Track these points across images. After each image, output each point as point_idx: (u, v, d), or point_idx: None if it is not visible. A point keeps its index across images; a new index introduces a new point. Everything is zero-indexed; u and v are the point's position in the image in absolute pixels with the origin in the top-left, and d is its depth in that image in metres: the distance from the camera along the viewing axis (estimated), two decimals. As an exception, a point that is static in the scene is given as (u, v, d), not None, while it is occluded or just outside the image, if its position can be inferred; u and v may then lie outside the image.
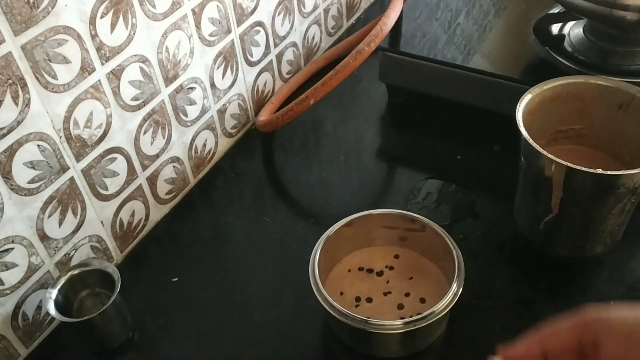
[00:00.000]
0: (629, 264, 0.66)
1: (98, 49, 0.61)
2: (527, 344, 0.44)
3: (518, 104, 0.62)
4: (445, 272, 0.63)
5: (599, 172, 0.55)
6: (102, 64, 0.62)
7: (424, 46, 0.85)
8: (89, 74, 0.61)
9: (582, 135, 0.67)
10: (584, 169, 0.56)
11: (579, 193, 0.58)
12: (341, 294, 0.64)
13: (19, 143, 0.56)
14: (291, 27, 0.91)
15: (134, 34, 0.64)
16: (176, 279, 0.70)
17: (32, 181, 0.59)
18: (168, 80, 0.71)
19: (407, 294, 0.63)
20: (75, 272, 0.63)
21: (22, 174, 0.57)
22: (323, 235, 0.63)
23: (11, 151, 0.56)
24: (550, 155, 0.57)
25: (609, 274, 0.65)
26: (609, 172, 0.55)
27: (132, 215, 0.73)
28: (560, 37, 0.81)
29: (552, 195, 0.59)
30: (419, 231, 0.64)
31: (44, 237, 0.62)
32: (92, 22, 0.59)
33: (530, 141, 0.58)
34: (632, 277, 0.64)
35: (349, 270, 0.66)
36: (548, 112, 0.65)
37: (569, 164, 0.56)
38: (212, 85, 0.79)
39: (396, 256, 0.66)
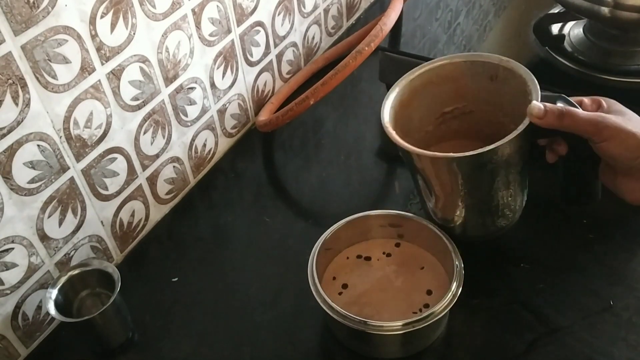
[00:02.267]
0: (629, 264, 0.66)
1: (98, 49, 0.61)
2: (551, 109, 0.56)
3: (383, 102, 0.63)
4: (445, 267, 0.63)
5: (457, 155, 0.56)
6: (102, 64, 0.62)
7: (424, 46, 0.85)
8: (89, 74, 0.61)
9: (467, 112, 0.67)
10: (445, 155, 0.57)
11: (452, 177, 0.59)
12: (344, 285, 0.63)
13: (19, 143, 0.56)
14: (291, 27, 0.91)
15: (134, 34, 0.64)
16: (176, 279, 0.70)
17: (32, 181, 0.59)
18: (168, 80, 0.71)
19: (408, 285, 0.63)
20: (75, 272, 0.63)
21: (22, 174, 0.57)
22: (322, 236, 0.63)
23: (11, 151, 0.56)
24: (413, 149, 0.58)
25: (609, 274, 0.65)
26: (468, 154, 0.55)
27: (132, 215, 0.73)
28: (560, 37, 0.81)
29: (432, 183, 0.60)
30: (427, 235, 0.64)
31: (44, 237, 0.62)
32: (92, 22, 0.59)
33: (394, 137, 0.60)
34: (632, 277, 0.64)
35: (347, 258, 0.66)
36: (426, 98, 0.65)
37: (431, 154, 0.57)
38: (212, 85, 0.79)
39: (397, 244, 0.67)
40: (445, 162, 0.58)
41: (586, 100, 0.60)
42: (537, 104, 0.56)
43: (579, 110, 0.57)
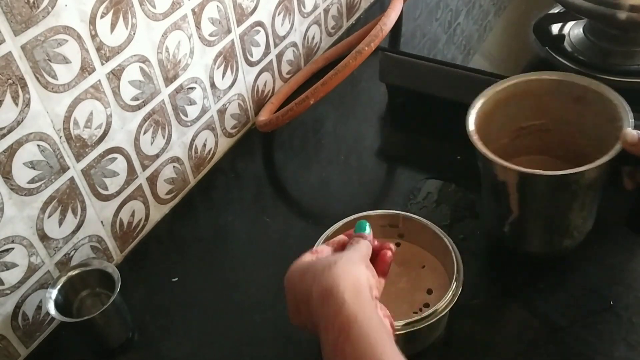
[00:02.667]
0: (629, 264, 0.66)
1: (98, 49, 0.61)
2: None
3: (469, 110, 0.62)
4: (445, 267, 0.63)
5: (547, 173, 0.56)
6: (102, 64, 0.62)
7: (424, 46, 0.85)
8: (89, 74, 0.61)
9: (544, 130, 0.67)
10: (533, 171, 0.56)
11: (535, 194, 0.59)
12: None
13: (19, 143, 0.56)
14: (291, 27, 0.91)
15: (134, 34, 0.64)
16: (176, 279, 0.70)
17: (32, 181, 0.59)
18: (168, 80, 0.71)
19: (408, 285, 0.63)
20: (75, 272, 0.63)
21: (22, 174, 0.57)
22: (322, 236, 0.63)
23: (11, 151, 0.56)
24: (501, 161, 0.58)
25: (609, 273, 0.65)
26: (557, 173, 0.55)
27: (132, 215, 0.73)
28: (560, 37, 0.81)
29: (510, 197, 0.60)
30: (427, 235, 0.64)
31: (44, 237, 0.62)
32: (92, 22, 0.59)
33: (481, 148, 0.59)
34: (632, 277, 0.64)
35: None
36: (506, 111, 0.65)
37: (519, 168, 0.57)
38: (212, 85, 0.79)
39: (397, 244, 0.67)
40: (531, 178, 0.58)
41: None
42: (631, 131, 0.55)
43: None
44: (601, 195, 0.62)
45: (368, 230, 0.54)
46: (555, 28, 0.83)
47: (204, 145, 0.82)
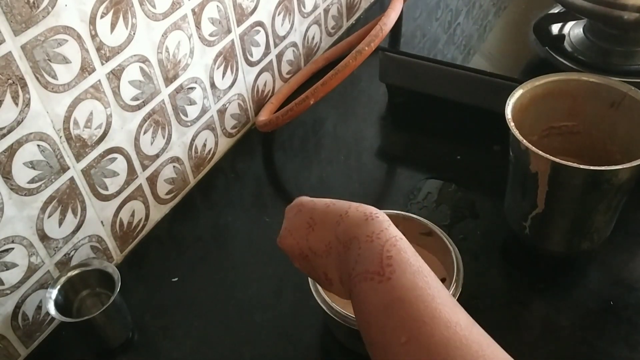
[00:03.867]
0: (629, 263, 0.66)
1: (98, 49, 0.61)
2: None
3: (508, 99, 0.62)
4: (445, 267, 0.63)
5: (583, 167, 0.56)
6: (102, 64, 0.62)
7: (424, 46, 0.85)
8: (89, 74, 0.61)
9: (575, 132, 0.67)
10: (569, 163, 0.56)
11: (564, 188, 0.59)
12: None
13: (19, 143, 0.56)
14: (291, 27, 0.91)
15: (134, 34, 0.64)
16: (176, 279, 0.70)
17: (32, 181, 0.59)
18: (168, 80, 0.71)
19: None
20: (75, 272, 0.63)
21: (22, 174, 0.57)
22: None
23: (11, 151, 0.56)
24: (536, 150, 0.57)
25: (609, 273, 0.65)
26: (593, 168, 0.55)
27: (132, 215, 0.73)
28: (560, 37, 0.81)
29: (538, 190, 0.60)
30: (426, 235, 0.64)
31: (44, 237, 0.62)
32: (92, 22, 0.59)
33: (518, 135, 0.59)
34: (632, 277, 0.64)
35: None
36: (540, 108, 0.65)
37: (554, 159, 0.57)
38: (212, 85, 0.79)
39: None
40: (565, 170, 0.57)
41: None
42: None
43: None
44: (624, 203, 0.61)
45: None
46: (555, 28, 0.83)
47: (204, 145, 0.82)
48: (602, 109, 0.64)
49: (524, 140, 0.58)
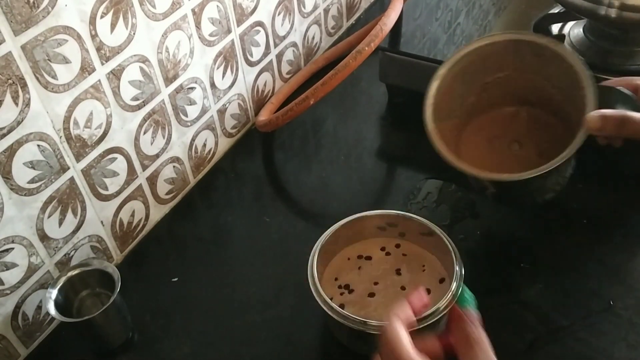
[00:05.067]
0: (629, 264, 0.66)
1: (98, 49, 0.61)
2: (611, 117, 0.53)
3: (425, 106, 0.63)
4: (445, 267, 0.63)
5: (521, 178, 0.56)
6: (102, 64, 0.62)
7: (424, 46, 0.85)
8: (89, 74, 0.61)
9: (510, 79, 0.66)
10: (504, 178, 0.57)
11: (510, 187, 0.60)
12: (345, 286, 0.63)
13: (19, 143, 0.56)
14: (291, 27, 0.91)
15: (134, 34, 0.64)
16: (176, 279, 0.70)
17: (32, 181, 0.59)
18: (168, 80, 0.71)
19: (407, 284, 0.63)
20: (75, 272, 0.63)
21: (22, 174, 0.57)
22: (322, 236, 0.63)
23: (11, 151, 0.56)
24: (471, 171, 0.59)
25: (609, 273, 0.65)
26: (529, 176, 0.56)
27: (132, 215, 0.73)
28: (560, 37, 0.81)
29: (486, 185, 0.62)
30: (426, 235, 0.64)
31: (44, 237, 0.62)
32: (92, 22, 0.59)
33: (447, 157, 0.61)
34: (632, 277, 0.64)
35: (348, 259, 0.66)
36: (465, 76, 0.64)
37: (493, 177, 0.58)
38: (212, 85, 0.79)
39: (397, 244, 0.67)
40: (504, 183, 0.58)
41: None
42: (594, 117, 0.54)
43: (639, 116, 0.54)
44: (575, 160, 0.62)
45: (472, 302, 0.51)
46: (555, 28, 0.83)
47: (204, 145, 0.82)
48: (529, 59, 0.63)
49: (457, 162, 0.60)
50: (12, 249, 0.59)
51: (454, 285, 0.58)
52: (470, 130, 0.67)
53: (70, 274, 0.63)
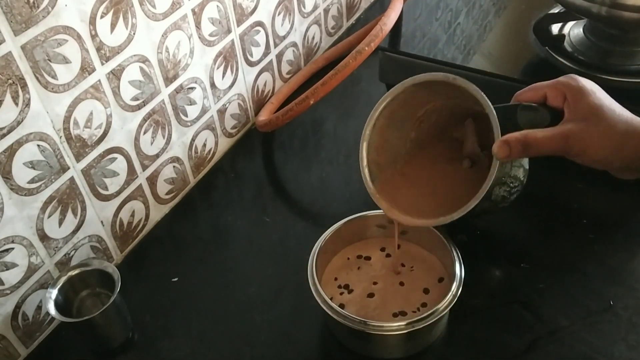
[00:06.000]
0: (629, 264, 0.66)
1: (98, 49, 0.61)
2: (514, 144, 0.55)
3: (360, 163, 0.62)
4: (445, 267, 0.63)
5: (439, 221, 0.57)
6: (102, 64, 0.62)
7: (424, 46, 0.85)
8: (89, 74, 0.61)
9: (443, 105, 0.64)
10: (426, 222, 0.59)
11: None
12: (345, 285, 0.63)
13: (19, 143, 0.56)
14: (291, 27, 0.91)
15: (134, 34, 0.64)
16: (176, 279, 0.70)
17: (32, 181, 0.59)
18: (168, 80, 0.71)
19: (406, 284, 0.63)
20: (75, 272, 0.63)
21: (22, 174, 0.57)
22: (322, 236, 0.63)
23: (11, 151, 0.56)
24: (400, 217, 0.60)
25: (609, 274, 0.65)
26: (450, 218, 0.56)
27: (132, 215, 0.73)
28: (560, 37, 0.81)
29: None
30: (427, 234, 0.64)
31: (44, 237, 0.62)
32: (92, 22, 0.59)
33: (374, 196, 0.61)
34: (632, 277, 0.64)
35: (348, 259, 0.66)
36: (397, 120, 0.64)
37: (415, 222, 0.59)
38: (212, 85, 0.79)
39: (398, 246, 0.67)
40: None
41: (549, 92, 0.59)
42: (498, 146, 0.55)
43: (540, 134, 0.56)
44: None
45: None
46: (555, 28, 0.84)
47: (204, 145, 0.82)
48: (443, 89, 0.61)
49: (390, 211, 0.61)
50: (12, 249, 0.59)
51: (454, 285, 0.58)
52: (422, 157, 0.66)
53: (70, 274, 0.63)
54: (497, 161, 0.55)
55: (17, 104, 0.55)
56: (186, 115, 0.76)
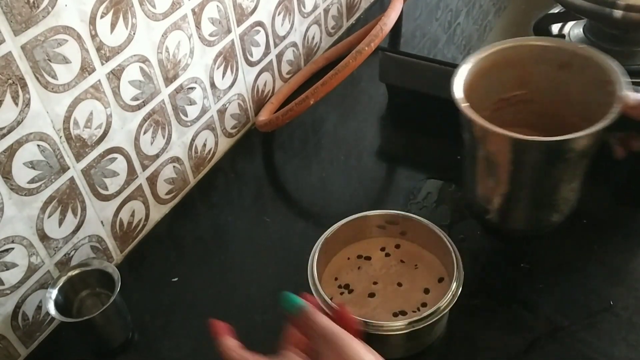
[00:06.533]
0: (629, 264, 0.66)
1: (98, 49, 0.61)
2: None
3: (452, 78, 0.59)
4: (445, 267, 0.63)
5: (544, 139, 0.53)
6: (102, 64, 0.62)
7: (424, 46, 0.85)
8: (89, 74, 0.61)
9: (526, 100, 0.64)
10: (531, 138, 0.54)
11: (528, 164, 0.57)
12: (345, 285, 0.63)
13: (19, 143, 0.56)
14: (291, 27, 0.91)
15: (134, 34, 0.64)
16: (176, 279, 0.70)
17: (32, 181, 0.59)
18: (168, 80, 0.71)
19: (405, 284, 0.63)
20: (75, 272, 0.63)
21: (22, 174, 0.57)
22: (322, 236, 0.63)
23: (11, 151, 0.56)
24: (494, 128, 0.55)
25: (609, 274, 0.65)
26: (556, 139, 0.53)
27: (132, 215, 0.73)
28: (560, 37, 0.81)
29: (499, 170, 0.58)
30: (427, 234, 0.64)
31: (44, 237, 0.62)
32: (92, 22, 0.59)
33: (472, 116, 0.56)
34: (632, 277, 0.64)
35: (348, 259, 0.66)
36: (487, 82, 0.62)
37: (514, 135, 0.54)
38: (212, 85, 0.79)
39: (397, 244, 0.67)
40: (526, 146, 0.55)
41: None
42: (631, 94, 0.53)
43: None
44: (589, 169, 0.60)
45: (299, 301, 0.50)
46: (555, 28, 0.84)
47: (204, 145, 0.82)
48: (552, 73, 0.61)
49: (480, 120, 0.55)
50: (12, 249, 0.59)
51: (454, 285, 0.58)
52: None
53: (70, 274, 0.63)
54: (614, 112, 0.53)
55: (17, 104, 0.55)
56: (186, 115, 0.76)
